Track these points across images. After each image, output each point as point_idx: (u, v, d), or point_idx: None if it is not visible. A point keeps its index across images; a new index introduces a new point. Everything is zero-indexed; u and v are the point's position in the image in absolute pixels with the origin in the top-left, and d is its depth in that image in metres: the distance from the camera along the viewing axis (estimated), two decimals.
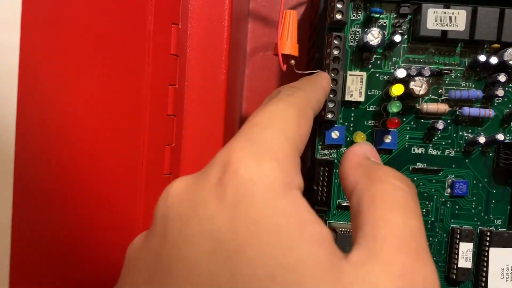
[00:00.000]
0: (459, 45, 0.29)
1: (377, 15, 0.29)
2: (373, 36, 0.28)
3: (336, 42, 0.28)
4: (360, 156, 0.18)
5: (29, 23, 0.18)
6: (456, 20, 0.28)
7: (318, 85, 0.22)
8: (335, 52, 0.28)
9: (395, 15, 0.29)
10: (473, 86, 0.30)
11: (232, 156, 0.14)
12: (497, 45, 0.29)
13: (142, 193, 0.24)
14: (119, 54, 0.22)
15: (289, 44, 0.28)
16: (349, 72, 0.29)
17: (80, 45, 0.20)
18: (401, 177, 0.16)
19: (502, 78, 0.28)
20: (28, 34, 0.17)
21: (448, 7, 0.28)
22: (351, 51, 0.30)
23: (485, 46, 0.29)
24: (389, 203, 0.15)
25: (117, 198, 0.23)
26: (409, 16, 0.29)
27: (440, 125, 0.29)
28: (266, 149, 0.14)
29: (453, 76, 0.30)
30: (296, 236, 0.12)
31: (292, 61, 0.29)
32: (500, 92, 0.28)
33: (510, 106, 0.30)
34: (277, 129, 0.15)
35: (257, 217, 0.13)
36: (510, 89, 0.29)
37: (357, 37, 0.29)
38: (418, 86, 0.28)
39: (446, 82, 0.30)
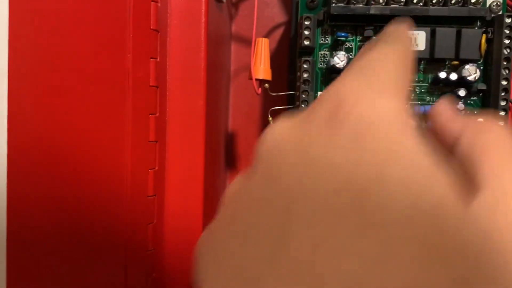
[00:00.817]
0: (422, 63, 0.31)
1: (343, 39, 0.31)
2: (339, 59, 0.30)
3: (305, 66, 0.30)
4: (453, 110, 0.17)
5: (16, 55, 0.20)
6: (416, 40, 0.30)
7: (405, 36, 0.18)
8: (305, 75, 0.30)
9: (360, 38, 0.31)
10: (437, 100, 0.31)
11: (346, 91, 0.13)
12: (456, 62, 0.31)
13: (127, 213, 0.26)
14: (101, 87, 0.24)
15: (262, 69, 0.31)
16: (319, 93, 0.31)
17: (64, 77, 0.22)
18: (504, 128, 0.15)
19: (462, 92, 0.30)
20: (15, 65, 0.20)
21: None
22: (321, 73, 0.32)
23: (446, 63, 0.31)
24: (502, 152, 0.14)
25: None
26: (374, 38, 0.31)
27: None
28: (385, 85, 0.13)
29: (418, 92, 0.31)
30: (430, 177, 0.11)
31: (266, 85, 0.31)
32: (460, 106, 0.30)
33: None
34: (391, 68, 0.14)
35: (385, 154, 0.11)
36: (471, 102, 0.31)
37: (326, 59, 0.32)
38: None
39: (412, 97, 0.32)
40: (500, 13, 0.30)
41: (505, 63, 0.30)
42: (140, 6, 0.26)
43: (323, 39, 0.32)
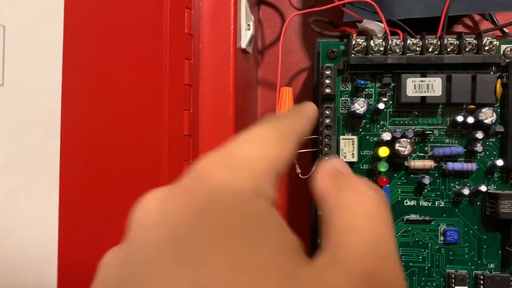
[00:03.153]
0: (440, 106, 0.33)
1: (363, 86, 0.33)
2: (359, 106, 0.32)
3: (327, 112, 0.32)
4: (331, 169, 0.18)
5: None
6: (433, 87, 0.32)
7: (303, 113, 0.21)
8: (327, 120, 0.32)
9: (379, 84, 0.33)
10: (456, 142, 0.33)
11: (206, 165, 0.15)
12: (472, 106, 0.32)
13: None
14: (140, 139, 0.27)
15: None
16: (341, 137, 0.33)
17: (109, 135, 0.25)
18: (369, 185, 0.16)
19: (479, 135, 0.31)
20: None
21: (425, 76, 0.32)
22: (342, 118, 0.34)
23: (463, 107, 0.32)
24: (356, 209, 0.15)
25: None
26: (392, 84, 0.33)
27: (427, 180, 0.32)
28: (240, 160, 0.15)
29: (437, 135, 0.33)
30: (259, 240, 0.12)
31: None
32: (479, 148, 0.32)
33: (492, 158, 0.32)
34: (255, 146, 0.16)
35: (224, 220, 0.13)
36: (489, 143, 0.32)
37: (347, 105, 0.33)
38: (403, 147, 0.32)
39: (431, 140, 0.33)
40: None
41: None
42: (175, 63, 0.29)
43: (343, 86, 0.34)
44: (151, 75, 0.28)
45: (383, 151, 0.32)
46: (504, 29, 0.38)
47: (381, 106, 0.32)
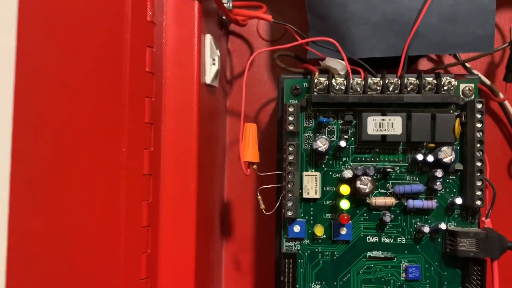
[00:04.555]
0: (400, 144, 0.33)
1: (326, 123, 0.33)
2: (321, 143, 0.32)
3: (290, 149, 0.32)
4: None
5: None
6: (393, 125, 0.32)
7: None
8: (290, 157, 0.32)
9: (341, 121, 0.33)
10: (417, 179, 0.33)
11: None
12: (432, 145, 0.32)
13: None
14: (97, 178, 0.26)
15: (250, 153, 0.33)
16: (305, 173, 0.33)
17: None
18: None
19: (439, 173, 0.32)
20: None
21: (385, 114, 0.32)
22: (306, 153, 0.34)
23: (424, 144, 0.33)
24: None
25: None
26: (354, 122, 0.33)
27: (387, 218, 0.32)
28: None
29: (398, 172, 0.33)
30: None
31: (254, 166, 0.33)
32: (439, 186, 0.32)
33: (452, 195, 0.33)
34: None
35: None
36: (449, 180, 0.33)
37: (311, 141, 0.34)
38: (364, 185, 0.32)
39: (392, 177, 0.33)
40: (473, 97, 0.33)
41: (478, 145, 0.31)
42: (135, 101, 0.29)
43: (307, 122, 0.34)
44: (110, 114, 0.28)
45: (345, 189, 0.32)
46: (466, 64, 0.39)
47: (342, 144, 0.32)
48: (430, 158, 0.32)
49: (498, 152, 0.42)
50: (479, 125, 0.31)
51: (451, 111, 0.33)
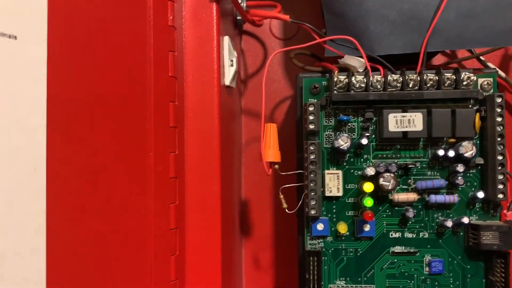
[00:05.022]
0: (421, 140, 0.33)
1: (346, 121, 0.33)
2: (343, 142, 0.32)
3: (311, 148, 0.33)
4: None
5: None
6: (414, 122, 0.32)
7: None
8: (312, 156, 0.33)
9: (362, 119, 0.34)
10: (438, 174, 0.33)
11: None
12: (453, 140, 0.33)
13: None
14: (126, 183, 0.27)
15: (272, 153, 0.33)
16: (326, 171, 0.34)
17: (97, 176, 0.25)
18: None
19: (460, 168, 0.32)
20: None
21: (406, 111, 0.32)
22: (327, 152, 0.34)
23: (444, 140, 0.33)
24: None
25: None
26: (374, 119, 0.34)
27: (410, 213, 0.32)
28: None
29: (419, 167, 0.33)
30: None
31: (276, 166, 0.33)
32: (460, 180, 0.32)
33: (473, 189, 0.33)
34: None
35: None
36: (470, 175, 0.33)
37: (331, 139, 0.34)
38: (387, 182, 0.32)
39: (414, 173, 0.33)
40: (491, 91, 0.33)
41: (499, 139, 0.32)
42: (159, 105, 0.29)
43: (326, 121, 0.34)
44: (136, 119, 0.28)
45: (368, 187, 0.32)
46: (481, 57, 0.39)
47: (364, 141, 0.32)
48: (451, 153, 0.32)
49: None
50: (499, 119, 0.32)
51: (470, 106, 0.33)
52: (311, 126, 0.33)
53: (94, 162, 0.25)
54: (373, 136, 0.34)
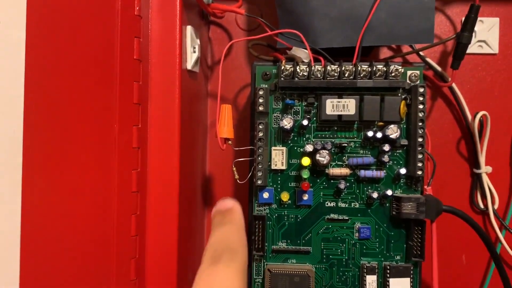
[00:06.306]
0: (355, 123, 0.38)
1: (291, 105, 0.38)
2: (287, 122, 0.37)
3: (260, 126, 0.37)
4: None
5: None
6: (348, 107, 0.37)
7: (241, 229, 0.35)
8: (260, 134, 0.37)
9: (305, 103, 0.39)
10: (369, 153, 0.39)
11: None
12: (381, 123, 0.38)
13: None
14: (93, 153, 0.31)
15: (226, 130, 0.38)
16: (273, 148, 0.39)
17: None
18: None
19: (386, 147, 0.37)
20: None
21: (341, 97, 0.37)
22: (274, 131, 0.39)
23: (375, 123, 0.38)
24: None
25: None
26: (316, 103, 0.38)
27: (342, 185, 0.38)
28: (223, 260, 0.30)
29: (352, 146, 0.39)
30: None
31: (229, 142, 0.38)
32: (386, 158, 0.38)
33: (398, 166, 0.38)
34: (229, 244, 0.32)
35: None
36: (397, 154, 0.38)
37: (278, 120, 0.39)
38: (322, 157, 0.37)
39: (348, 151, 0.39)
40: (418, 82, 0.38)
41: (420, 123, 0.37)
42: (124, 85, 0.34)
43: (275, 104, 0.39)
44: (103, 96, 0.32)
45: (306, 161, 0.37)
46: (420, 52, 0.44)
47: (305, 122, 0.37)
48: (379, 135, 0.37)
49: (448, 131, 0.48)
50: (421, 106, 0.37)
51: (399, 95, 0.38)
52: (261, 108, 0.38)
53: (64, 131, 0.29)
54: (314, 118, 0.39)
